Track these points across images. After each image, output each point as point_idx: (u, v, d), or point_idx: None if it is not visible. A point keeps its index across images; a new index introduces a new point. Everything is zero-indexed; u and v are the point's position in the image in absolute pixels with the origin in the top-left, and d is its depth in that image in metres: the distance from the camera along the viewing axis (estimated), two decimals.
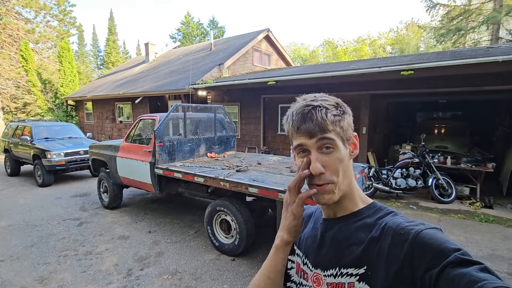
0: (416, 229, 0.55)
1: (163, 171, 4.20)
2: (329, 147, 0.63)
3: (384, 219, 0.62)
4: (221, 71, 10.42)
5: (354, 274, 0.61)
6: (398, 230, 0.57)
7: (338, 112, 0.65)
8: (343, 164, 0.64)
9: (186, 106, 4.81)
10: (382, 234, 0.59)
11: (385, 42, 28.80)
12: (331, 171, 0.63)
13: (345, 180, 0.65)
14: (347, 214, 0.68)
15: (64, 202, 5.84)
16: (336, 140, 0.63)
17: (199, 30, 30.67)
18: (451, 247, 0.49)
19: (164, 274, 3.19)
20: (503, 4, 12.61)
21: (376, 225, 0.62)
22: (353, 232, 0.65)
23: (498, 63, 4.61)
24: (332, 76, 6.34)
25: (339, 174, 0.64)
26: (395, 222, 0.59)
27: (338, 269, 0.64)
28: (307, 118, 0.63)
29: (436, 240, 0.51)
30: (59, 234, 4.28)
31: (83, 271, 3.28)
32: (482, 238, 4.07)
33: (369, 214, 0.66)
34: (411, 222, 0.58)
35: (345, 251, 0.64)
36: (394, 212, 0.64)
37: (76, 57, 30.50)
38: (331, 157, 0.63)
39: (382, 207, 0.67)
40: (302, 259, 0.73)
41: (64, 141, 7.80)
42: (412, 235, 0.54)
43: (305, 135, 0.64)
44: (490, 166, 5.58)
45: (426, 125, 8.33)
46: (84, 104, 15.49)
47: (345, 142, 0.65)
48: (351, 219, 0.67)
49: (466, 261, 0.47)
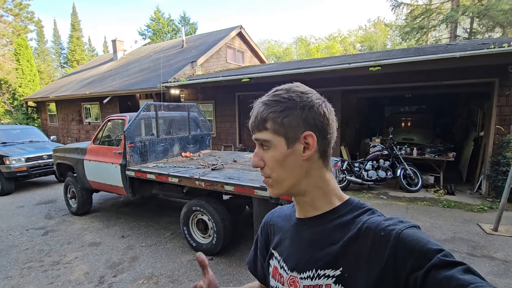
0: (396, 229, 0.54)
1: (135, 173, 4.04)
2: (266, 146, 0.64)
3: (361, 218, 0.60)
4: (194, 68, 10.22)
5: (330, 276, 0.58)
6: (378, 231, 0.55)
7: (280, 109, 0.61)
8: (283, 162, 0.63)
9: (158, 105, 4.66)
10: (360, 235, 0.57)
11: (355, 39, 29.85)
12: (268, 167, 0.64)
13: (287, 178, 0.64)
14: (322, 213, 0.65)
15: (27, 211, 5.43)
16: (271, 140, 0.63)
17: (170, 26, 29.78)
18: (433, 248, 0.50)
19: (139, 279, 3.09)
20: (460, 4, 13.54)
21: (353, 224, 0.60)
22: (329, 231, 0.62)
23: (456, 59, 4.94)
24: (305, 73, 6.45)
25: (274, 171, 0.64)
26: (373, 222, 0.57)
27: (315, 270, 0.61)
28: (251, 114, 0.66)
29: (418, 241, 0.51)
30: (21, 245, 3.97)
31: (50, 282, 3.08)
32: (445, 222, 4.37)
33: (345, 212, 0.63)
34: (389, 220, 0.57)
35: (322, 252, 0.61)
36: (371, 210, 0.63)
37: (36, 54, 28.35)
38: (267, 154, 0.64)
39: (358, 204, 0.65)
40: (280, 262, 0.70)
41: (24, 145, 7.24)
42: (394, 237, 0.53)
43: (250, 130, 0.67)
44: (451, 156, 6.00)
45: (393, 118, 8.78)
46: (46, 105, 14.49)
47: (288, 141, 0.62)
48: (327, 218, 0.64)
49: (449, 263, 0.47)
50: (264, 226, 0.82)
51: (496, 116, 5.36)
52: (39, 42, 30.35)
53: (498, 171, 5.15)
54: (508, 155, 5.05)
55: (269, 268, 0.75)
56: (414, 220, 4.49)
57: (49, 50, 32.38)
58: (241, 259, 3.47)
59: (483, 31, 13.97)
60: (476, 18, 13.39)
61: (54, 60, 33.10)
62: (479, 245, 3.62)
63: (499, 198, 4.65)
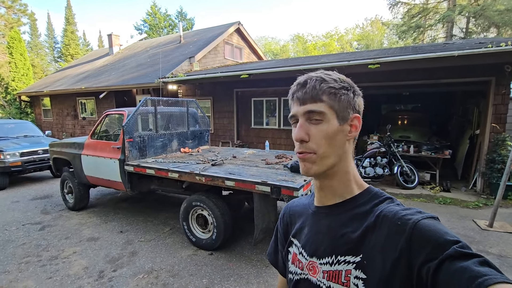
0: (413, 219, 0.53)
1: (134, 168, 4.01)
2: (318, 119, 0.62)
3: (379, 207, 0.61)
4: (192, 64, 10.15)
5: (351, 262, 0.59)
6: (395, 220, 0.55)
7: (337, 86, 0.63)
8: (332, 139, 0.62)
9: (156, 100, 4.62)
10: (377, 223, 0.58)
11: (352, 38, 29.90)
12: (315, 141, 0.62)
13: (332, 155, 0.63)
14: (341, 201, 0.66)
15: (22, 206, 5.36)
16: (326, 113, 0.62)
17: (167, 21, 29.47)
18: (449, 239, 0.48)
19: (140, 274, 3.08)
20: (456, 4, 13.64)
21: (371, 213, 0.61)
22: (348, 220, 0.63)
23: (454, 57, 4.99)
24: (304, 70, 6.43)
25: (322, 146, 0.62)
26: (391, 211, 0.58)
27: (335, 257, 0.62)
28: (301, 86, 0.64)
29: (435, 232, 0.50)
30: (18, 240, 3.93)
31: (49, 277, 3.05)
32: (441, 218, 4.43)
33: (364, 201, 0.64)
34: (407, 210, 0.57)
35: (341, 240, 0.62)
36: (390, 199, 0.63)
37: (29, 48, 27.81)
38: (317, 128, 0.62)
39: (378, 192, 0.65)
40: (299, 249, 0.71)
41: (19, 140, 7.13)
42: (410, 226, 0.52)
43: (297, 103, 0.64)
44: (447, 153, 6.08)
45: (391, 116, 8.84)
46: (40, 100, 14.27)
47: (339, 118, 0.63)
48: (346, 207, 0.65)
49: (465, 254, 0.46)
50: (284, 217, 0.82)
51: (492, 114, 5.43)
52: (32, 36, 29.75)
53: (493, 169, 5.23)
54: (503, 153, 5.13)
55: (288, 256, 0.76)
56: None
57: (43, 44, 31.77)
58: (241, 254, 3.48)
59: (478, 31, 14.10)
60: (472, 18, 13.51)
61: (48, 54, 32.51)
62: (475, 241, 3.68)
63: (494, 195, 4.74)
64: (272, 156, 4.57)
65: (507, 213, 4.58)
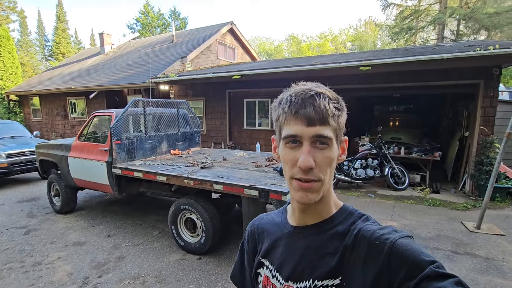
0: (391, 238, 0.54)
1: (122, 171, 3.94)
2: (324, 143, 0.57)
3: (356, 225, 0.60)
4: (184, 64, 10.06)
5: (329, 286, 0.58)
6: (373, 240, 0.56)
7: (339, 106, 0.59)
8: (332, 164, 0.59)
9: (146, 101, 4.55)
10: (356, 242, 0.58)
11: (346, 38, 30.06)
12: (320, 169, 0.57)
13: (329, 181, 0.60)
14: (319, 221, 0.64)
15: (7, 209, 5.23)
16: (332, 138, 0.58)
17: (160, 20, 29.20)
18: (426, 259, 0.50)
19: (125, 280, 3.02)
20: (447, 6, 13.82)
21: (349, 232, 0.60)
22: (327, 240, 0.61)
23: (443, 60, 5.03)
24: (296, 71, 6.43)
25: (327, 173, 0.58)
26: (368, 230, 0.58)
27: (312, 281, 0.60)
28: (308, 103, 0.56)
29: (412, 251, 0.51)
30: (1, 245, 3.82)
31: (31, 284, 2.97)
32: (430, 220, 4.47)
33: (341, 220, 0.63)
34: (384, 229, 0.57)
35: (319, 262, 0.60)
36: (365, 216, 0.63)
37: (19, 46, 27.27)
38: (323, 154, 0.57)
39: (353, 210, 0.65)
40: (272, 272, 0.67)
41: (5, 141, 6.97)
42: (388, 246, 0.53)
43: (303, 122, 0.56)
44: (437, 155, 6.14)
45: (382, 118, 8.91)
46: (30, 99, 13.98)
47: (337, 142, 0.60)
48: (324, 227, 0.63)
49: (442, 275, 0.47)
50: (251, 234, 0.77)
51: (480, 117, 5.50)
52: (22, 34, 29.14)
53: (481, 171, 5.29)
54: (491, 155, 5.19)
55: (258, 278, 0.71)
56: (401, 218, 4.57)
57: (33, 42, 31.12)
58: (230, 258, 3.44)
59: (469, 33, 14.32)
60: (463, 20, 13.72)
61: (38, 53, 31.89)
62: (463, 243, 3.71)
63: (482, 196, 4.79)
64: (262, 158, 4.54)
65: (494, 215, 4.64)
